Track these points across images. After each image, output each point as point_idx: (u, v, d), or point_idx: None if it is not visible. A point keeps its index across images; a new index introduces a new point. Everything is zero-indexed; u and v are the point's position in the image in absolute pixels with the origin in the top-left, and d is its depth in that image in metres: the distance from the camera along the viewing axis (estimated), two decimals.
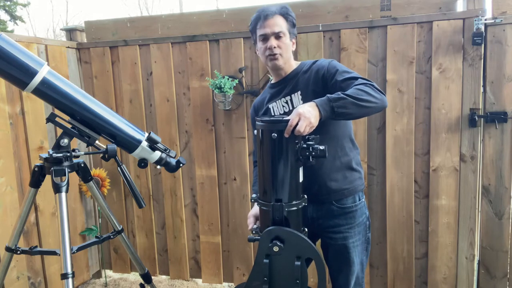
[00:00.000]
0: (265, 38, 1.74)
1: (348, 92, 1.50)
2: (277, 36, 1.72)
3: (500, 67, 2.37)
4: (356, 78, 1.60)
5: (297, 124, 1.41)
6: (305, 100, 1.69)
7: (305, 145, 1.49)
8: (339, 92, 1.50)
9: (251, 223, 1.75)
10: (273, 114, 1.82)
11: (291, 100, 1.76)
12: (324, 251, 1.84)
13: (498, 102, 2.40)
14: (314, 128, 1.44)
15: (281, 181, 1.54)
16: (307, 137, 1.51)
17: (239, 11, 2.80)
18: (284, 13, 1.75)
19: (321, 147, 1.47)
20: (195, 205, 3.04)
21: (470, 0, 2.39)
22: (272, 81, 1.89)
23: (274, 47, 1.72)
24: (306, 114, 1.41)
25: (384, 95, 1.58)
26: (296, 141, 1.49)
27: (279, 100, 1.79)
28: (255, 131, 1.58)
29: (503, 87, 2.38)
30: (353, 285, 1.80)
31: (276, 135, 1.47)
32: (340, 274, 1.79)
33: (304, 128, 1.40)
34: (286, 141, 1.48)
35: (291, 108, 1.75)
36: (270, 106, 1.83)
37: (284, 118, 1.49)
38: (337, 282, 1.82)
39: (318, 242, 1.89)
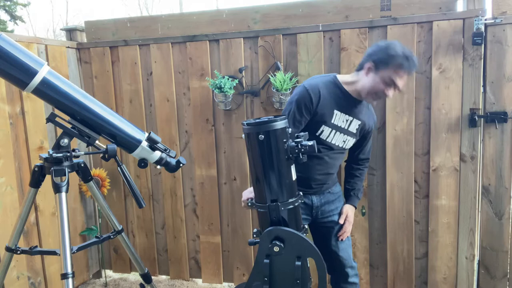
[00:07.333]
0: (390, 85, 1.86)
1: (362, 185, 2.24)
2: (397, 89, 1.90)
3: (500, 67, 2.37)
4: (368, 159, 2.23)
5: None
6: (358, 131, 2.03)
7: (293, 143, 1.50)
8: (360, 191, 2.21)
9: (244, 196, 1.91)
10: (333, 120, 1.94)
11: (351, 121, 1.99)
12: (326, 237, 2.11)
13: (498, 102, 2.40)
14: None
15: (274, 181, 1.54)
16: (296, 134, 1.56)
17: (239, 11, 2.80)
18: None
19: (310, 143, 1.49)
20: (195, 205, 3.04)
21: (470, 0, 2.39)
22: (349, 90, 1.97)
23: (387, 97, 1.92)
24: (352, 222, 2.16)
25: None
26: (284, 140, 1.50)
27: (344, 115, 1.97)
28: (243, 136, 1.59)
29: (503, 87, 2.38)
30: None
31: (263, 136, 1.48)
32: (349, 250, 2.17)
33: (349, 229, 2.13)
34: (274, 141, 1.49)
35: (347, 127, 1.98)
36: (335, 112, 1.95)
37: (270, 119, 1.51)
38: (345, 254, 2.14)
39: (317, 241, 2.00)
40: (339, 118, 1.95)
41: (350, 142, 2.04)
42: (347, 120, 1.97)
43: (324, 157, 1.99)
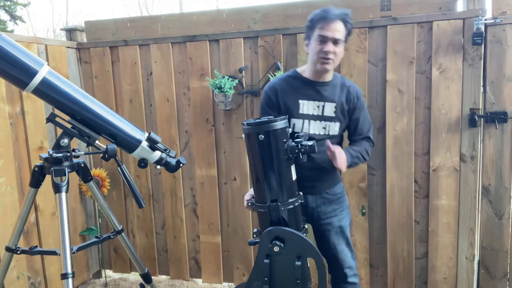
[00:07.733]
0: (324, 40, 1.82)
1: (364, 155, 1.98)
2: (335, 42, 1.82)
3: (500, 67, 2.37)
4: (369, 138, 2.06)
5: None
6: (339, 113, 1.93)
7: (293, 143, 1.51)
8: (360, 154, 1.95)
9: (246, 200, 1.85)
10: (301, 110, 1.90)
11: (323, 106, 1.92)
12: (324, 239, 2.04)
13: (498, 102, 2.40)
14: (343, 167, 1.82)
15: (274, 181, 1.55)
16: (296, 134, 1.58)
17: (239, 11, 2.80)
18: (345, 19, 1.84)
19: (310, 143, 1.49)
20: (195, 205, 3.04)
21: (470, 0, 2.39)
22: (307, 76, 1.94)
23: (330, 53, 1.81)
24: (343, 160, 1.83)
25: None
26: (284, 140, 1.51)
27: (312, 102, 1.92)
28: (243, 136, 1.59)
29: (503, 87, 2.38)
30: (351, 253, 2.11)
31: (263, 136, 1.49)
32: (346, 251, 2.08)
33: (341, 164, 1.79)
34: (274, 141, 1.50)
35: (321, 113, 1.91)
36: (301, 102, 1.91)
37: (270, 119, 1.51)
38: (343, 255, 2.06)
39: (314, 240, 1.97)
40: (307, 106, 1.92)
41: (334, 126, 1.96)
42: (318, 106, 1.93)
43: None
